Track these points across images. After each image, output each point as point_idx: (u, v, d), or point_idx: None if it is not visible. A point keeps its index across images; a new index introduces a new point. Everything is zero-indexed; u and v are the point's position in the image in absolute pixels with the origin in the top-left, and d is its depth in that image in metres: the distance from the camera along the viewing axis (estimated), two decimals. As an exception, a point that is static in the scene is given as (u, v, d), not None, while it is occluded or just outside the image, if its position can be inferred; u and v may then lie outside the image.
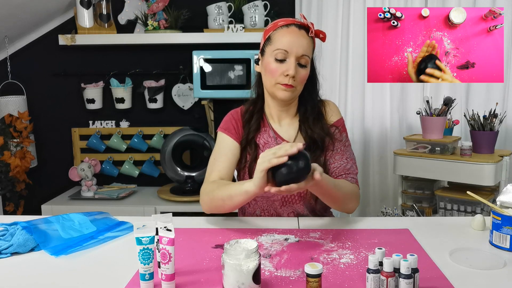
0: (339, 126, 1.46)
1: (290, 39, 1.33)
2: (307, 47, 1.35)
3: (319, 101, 1.49)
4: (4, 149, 2.60)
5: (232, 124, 1.46)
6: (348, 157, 1.44)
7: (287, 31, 1.35)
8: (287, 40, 1.33)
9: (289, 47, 1.33)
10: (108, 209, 1.69)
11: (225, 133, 1.45)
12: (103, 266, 1.11)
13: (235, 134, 1.44)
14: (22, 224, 1.23)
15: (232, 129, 1.45)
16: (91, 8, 2.64)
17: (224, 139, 1.45)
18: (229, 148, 1.43)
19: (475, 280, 1.00)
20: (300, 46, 1.33)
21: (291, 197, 1.44)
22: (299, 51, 1.33)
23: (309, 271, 0.89)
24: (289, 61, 1.33)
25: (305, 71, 1.36)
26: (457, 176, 2.26)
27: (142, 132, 2.86)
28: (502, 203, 1.21)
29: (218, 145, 1.46)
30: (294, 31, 1.35)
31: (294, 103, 1.46)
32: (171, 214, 1.05)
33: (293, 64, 1.33)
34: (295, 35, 1.34)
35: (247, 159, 1.43)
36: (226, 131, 1.45)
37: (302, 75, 1.36)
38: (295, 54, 1.33)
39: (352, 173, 1.42)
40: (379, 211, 2.51)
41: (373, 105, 2.75)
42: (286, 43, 1.33)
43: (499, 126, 2.29)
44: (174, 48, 2.75)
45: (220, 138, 1.46)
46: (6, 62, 2.76)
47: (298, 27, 1.36)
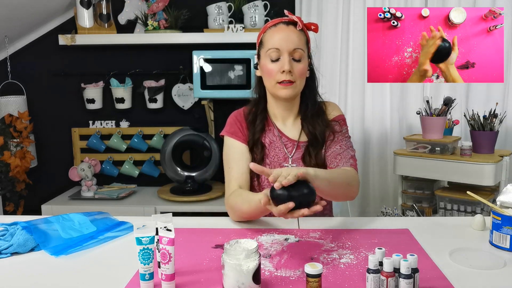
0: (339, 121, 1.48)
1: (279, 37, 1.36)
2: (298, 40, 1.37)
3: (321, 102, 1.51)
4: (4, 149, 2.60)
5: (237, 127, 1.47)
6: (343, 145, 1.44)
7: (275, 30, 1.38)
8: (277, 38, 1.37)
9: (279, 44, 1.36)
10: (108, 209, 1.69)
11: (233, 137, 1.46)
12: (103, 266, 1.11)
13: (242, 136, 1.46)
14: (22, 224, 1.23)
15: (238, 132, 1.46)
16: (91, 8, 2.64)
17: (233, 144, 1.46)
18: (240, 153, 1.44)
19: (475, 280, 1.00)
20: (290, 41, 1.36)
21: None
22: (290, 46, 1.35)
23: (309, 271, 0.89)
24: (283, 57, 1.36)
25: (301, 65, 1.38)
26: (457, 176, 2.26)
27: (142, 132, 2.86)
28: (502, 203, 1.21)
29: (227, 151, 1.46)
30: (282, 29, 1.38)
31: (296, 102, 1.47)
32: (171, 214, 1.05)
33: (287, 59, 1.35)
34: (283, 32, 1.37)
35: (254, 159, 1.44)
36: (233, 135, 1.46)
37: (299, 69, 1.37)
38: (287, 50, 1.35)
39: (345, 158, 1.41)
40: (379, 211, 2.52)
41: (373, 105, 2.75)
42: (277, 41, 1.36)
43: (499, 126, 2.30)
44: (174, 48, 2.75)
45: (229, 144, 1.47)
46: (6, 62, 2.76)
47: (286, 24, 1.39)
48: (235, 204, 1.35)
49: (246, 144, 1.45)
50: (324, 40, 2.71)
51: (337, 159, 1.41)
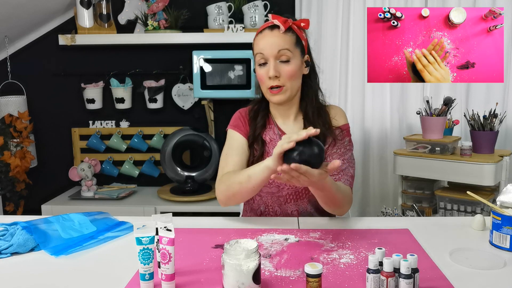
0: (343, 130, 1.47)
1: (263, 42, 1.38)
2: (283, 42, 1.37)
3: (326, 106, 1.50)
4: (4, 149, 2.60)
5: (240, 121, 1.49)
6: (346, 159, 1.44)
7: (261, 36, 1.40)
8: (262, 43, 1.39)
9: (263, 49, 1.37)
10: (108, 209, 1.69)
11: (235, 130, 1.48)
12: (103, 266, 1.11)
13: (244, 130, 1.47)
14: (22, 224, 1.23)
15: (241, 125, 1.48)
16: (91, 8, 2.64)
17: (234, 135, 1.47)
18: (240, 144, 1.45)
19: (475, 280, 1.00)
20: (273, 45, 1.36)
21: (297, 193, 1.44)
22: (274, 50, 1.36)
23: (309, 271, 0.89)
24: (269, 63, 1.37)
25: (289, 66, 1.37)
26: (457, 176, 2.26)
27: (142, 132, 2.86)
28: (502, 203, 1.21)
29: (228, 141, 1.48)
30: (266, 34, 1.39)
31: (295, 102, 1.47)
32: (171, 214, 1.05)
33: (272, 64, 1.36)
34: (267, 37, 1.38)
35: (254, 155, 1.45)
36: (235, 128, 1.48)
37: (286, 71, 1.37)
38: (271, 54, 1.36)
39: (346, 175, 1.41)
40: (379, 211, 2.52)
41: (373, 105, 2.75)
42: (262, 46, 1.38)
43: (499, 126, 2.29)
44: (174, 48, 2.75)
45: (230, 135, 1.49)
46: (6, 62, 2.76)
47: (271, 28, 1.39)
48: (228, 178, 1.33)
49: (246, 138, 1.46)
50: (324, 40, 2.71)
51: (339, 174, 1.40)
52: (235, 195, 1.33)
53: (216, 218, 1.43)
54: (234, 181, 1.31)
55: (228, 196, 1.35)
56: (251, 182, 1.27)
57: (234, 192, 1.32)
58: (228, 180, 1.34)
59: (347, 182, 1.40)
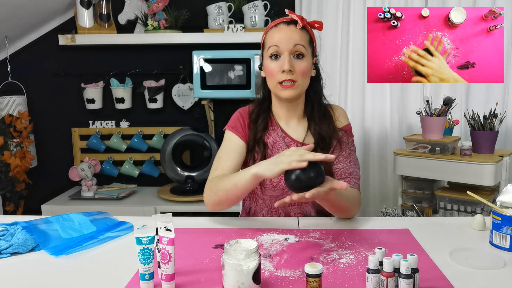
0: (347, 131, 1.47)
1: (279, 35, 1.36)
2: (300, 38, 1.36)
3: (328, 105, 1.50)
4: (4, 149, 2.60)
5: (240, 123, 1.46)
6: (352, 161, 1.44)
7: (276, 30, 1.38)
8: (277, 36, 1.36)
9: (279, 42, 1.35)
10: (108, 209, 1.69)
11: (232, 131, 1.45)
12: (103, 266, 1.11)
13: (242, 132, 1.44)
14: (22, 224, 1.23)
15: (239, 127, 1.45)
16: (91, 8, 2.64)
17: (231, 137, 1.45)
18: (235, 147, 1.43)
19: (475, 280, 1.00)
20: (290, 40, 1.35)
21: None
22: (290, 44, 1.34)
23: (309, 271, 0.89)
24: (283, 56, 1.35)
25: (304, 63, 1.36)
26: (457, 176, 2.26)
27: (142, 132, 2.86)
28: (502, 203, 1.21)
29: (224, 143, 1.46)
30: (283, 28, 1.37)
31: (300, 103, 1.46)
32: (171, 214, 1.05)
33: (287, 58, 1.34)
34: (284, 31, 1.36)
35: (256, 158, 1.43)
36: (233, 129, 1.45)
37: (301, 67, 1.35)
38: (287, 48, 1.34)
39: (355, 178, 1.41)
40: (379, 211, 2.52)
41: (373, 105, 2.75)
42: (277, 39, 1.36)
43: (499, 126, 2.29)
44: (174, 48, 2.75)
45: (227, 137, 1.46)
46: (6, 62, 2.76)
47: (287, 23, 1.38)
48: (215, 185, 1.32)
49: (244, 141, 1.44)
50: (324, 40, 2.71)
51: (348, 178, 1.40)
52: (221, 202, 1.33)
53: (216, 218, 1.43)
54: (220, 188, 1.31)
55: (214, 202, 1.34)
56: (237, 189, 1.27)
57: (220, 199, 1.32)
58: (215, 186, 1.33)
59: (356, 185, 1.40)
